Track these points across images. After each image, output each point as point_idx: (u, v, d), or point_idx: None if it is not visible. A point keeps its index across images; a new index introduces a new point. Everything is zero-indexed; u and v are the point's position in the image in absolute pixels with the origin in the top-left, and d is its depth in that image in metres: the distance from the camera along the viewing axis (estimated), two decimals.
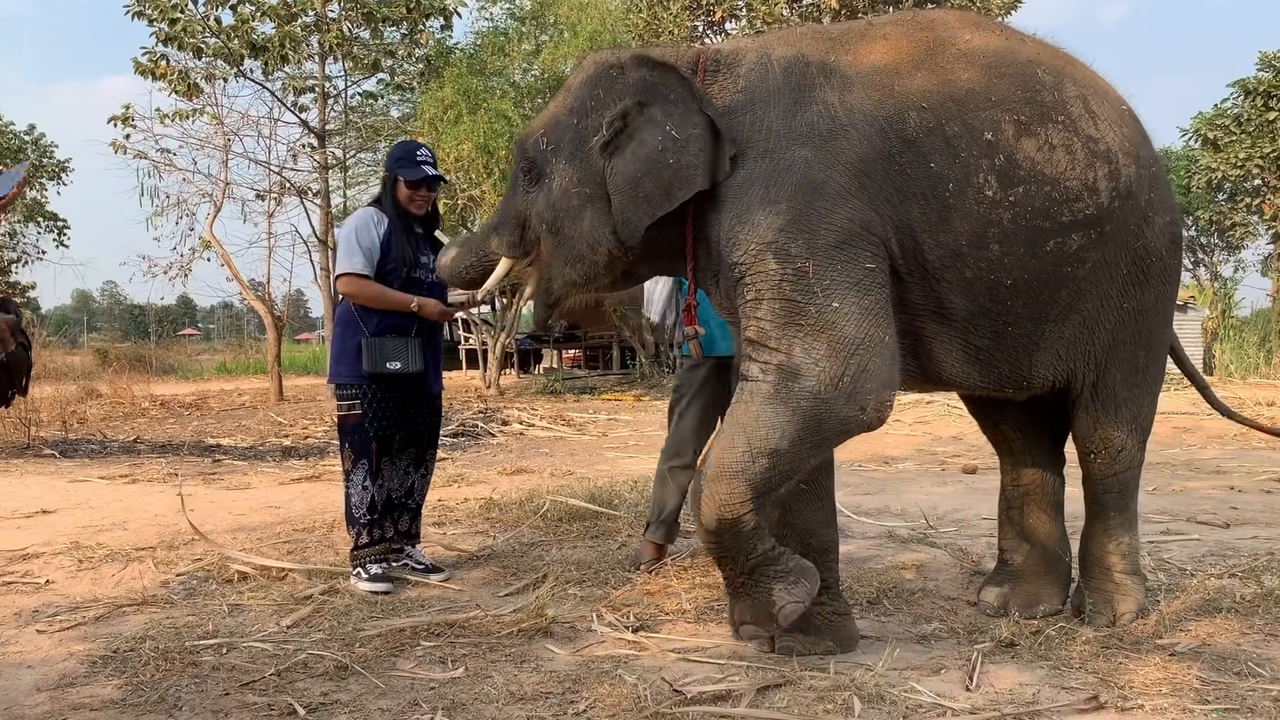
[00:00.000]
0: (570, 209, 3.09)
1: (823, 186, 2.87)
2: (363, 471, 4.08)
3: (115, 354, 23.79)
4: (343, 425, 4.16)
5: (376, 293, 4.06)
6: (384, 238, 4.10)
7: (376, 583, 4.00)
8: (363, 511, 4.09)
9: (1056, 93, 3.06)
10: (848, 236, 2.86)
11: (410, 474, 4.25)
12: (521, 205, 3.22)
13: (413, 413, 4.19)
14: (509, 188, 3.33)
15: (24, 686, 2.93)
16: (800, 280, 2.83)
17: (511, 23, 18.66)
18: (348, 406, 4.11)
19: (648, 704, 2.69)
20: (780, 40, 3.15)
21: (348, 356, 4.10)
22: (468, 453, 9.26)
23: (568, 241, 3.12)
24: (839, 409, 2.83)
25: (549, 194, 3.12)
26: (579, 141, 3.08)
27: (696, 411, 4.27)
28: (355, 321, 4.10)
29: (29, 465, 8.16)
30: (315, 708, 2.73)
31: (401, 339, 4.07)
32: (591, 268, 3.14)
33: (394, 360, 4.05)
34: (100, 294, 72.95)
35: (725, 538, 2.88)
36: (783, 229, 2.85)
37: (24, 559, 4.51)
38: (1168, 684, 2.82)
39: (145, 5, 15.83)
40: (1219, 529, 5.11)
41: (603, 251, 3.09)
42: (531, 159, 3.16)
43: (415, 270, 4.15)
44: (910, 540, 4.82)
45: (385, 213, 4.16)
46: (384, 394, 4.09)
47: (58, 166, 32.32)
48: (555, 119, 3.15)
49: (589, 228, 3.08)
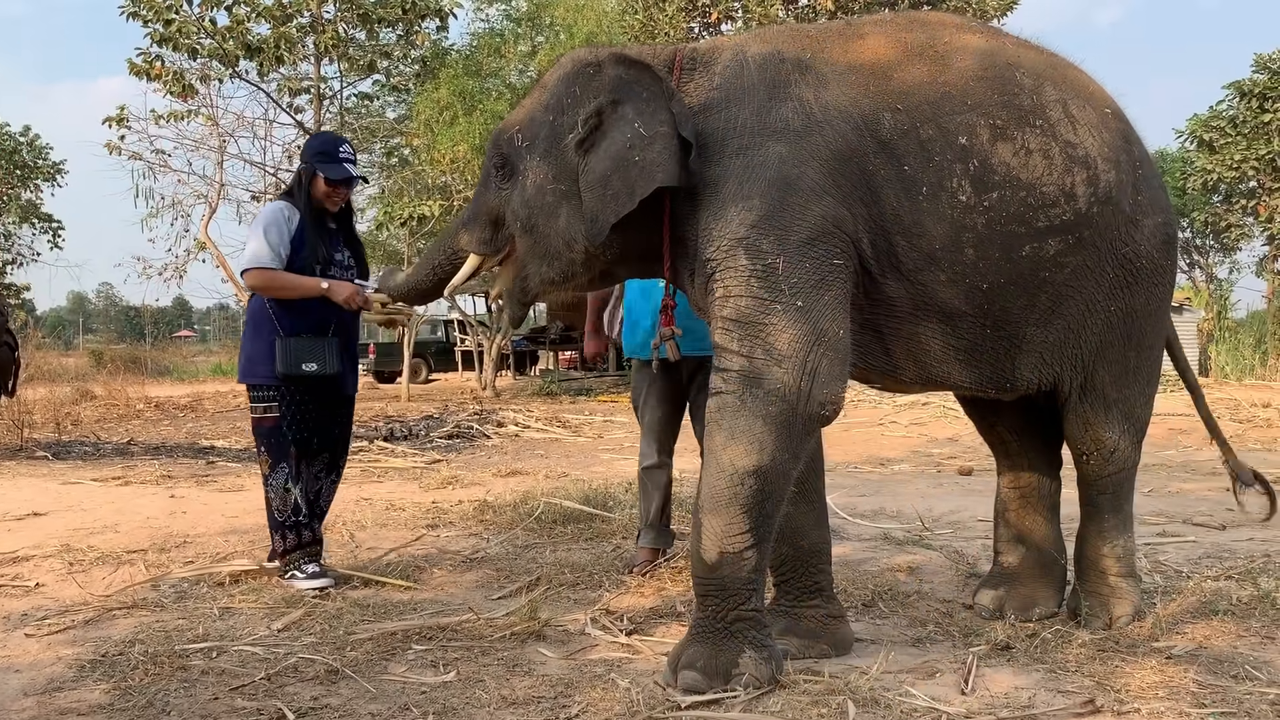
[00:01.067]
0: (545, 206, 3.05)
1: (796, 182, 2.84)
2: (283, 474, 3.98)
3: (110, 356, 23.75)
4: (258, 428, 4.03)
5: (284, 282, 3.93)
6: (295, 233, 3.98)
7: (317, 579, 3.92)
8: (287, 514, 3.99)
9: (1035, 96, 3.03)
10: (819, 234, 2.83)
11: (320, 479, 4.14)
12: (494, 201, 3.18)
13: (329, 415, 4.09)
14: (480, 184, 3.28)
15: (11, 691, 2.90)
16: (769, 277, 2.80)
17: (507, 24, 18.70)
18: (263, 409, 3.99)
19: (640, 708, 2.67)
20: (757, 38, 3.13)
21: (261, 356, 3.96)
22: (462, 454, 9.24)
23: (543, 239, 3.08)
24: (803, 407, 2.81)
25: (523, 191, 3.08)
26: (554, 139, 3.04)
27: (652, 410, 4.31)
28: (269, 319, 3.97)
29: (21, 467, 8.11)
30: (305, 712, 2.71)
31: (318, 339, 3.95)
32: (568, 265, 3.09)
33: (310, 361, 3.92)
34: (95, 295, 72.87)
35: (724, 572, 2.81)
36: (755, 224, 2.83)
37: (14, 561, 4.47)
38: (1164, 687, 2.81)
39: (140, 6, 15.81)
40: (1215, 531, 5.10)
41: (579, 249, 3.04)
42: (505, 155, 3.13)
43: (330, 268, 4.04)
44: (905, 542, 4.80)
45: (298, 207, 4.04)
46: (301, 396, 3.98)
47: (53, 168, 32.23)
48: (531, 116, 3.11)
49: (564, 225, 3.04)
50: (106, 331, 53.46)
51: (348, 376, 4.12)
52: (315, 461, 4.09)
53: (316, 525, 4.10)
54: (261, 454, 4.02)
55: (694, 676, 2.77)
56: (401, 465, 8.22)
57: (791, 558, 3.20)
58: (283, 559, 4.01)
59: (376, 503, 5.99)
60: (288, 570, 3.99)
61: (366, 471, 7.72)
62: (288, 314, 3.96)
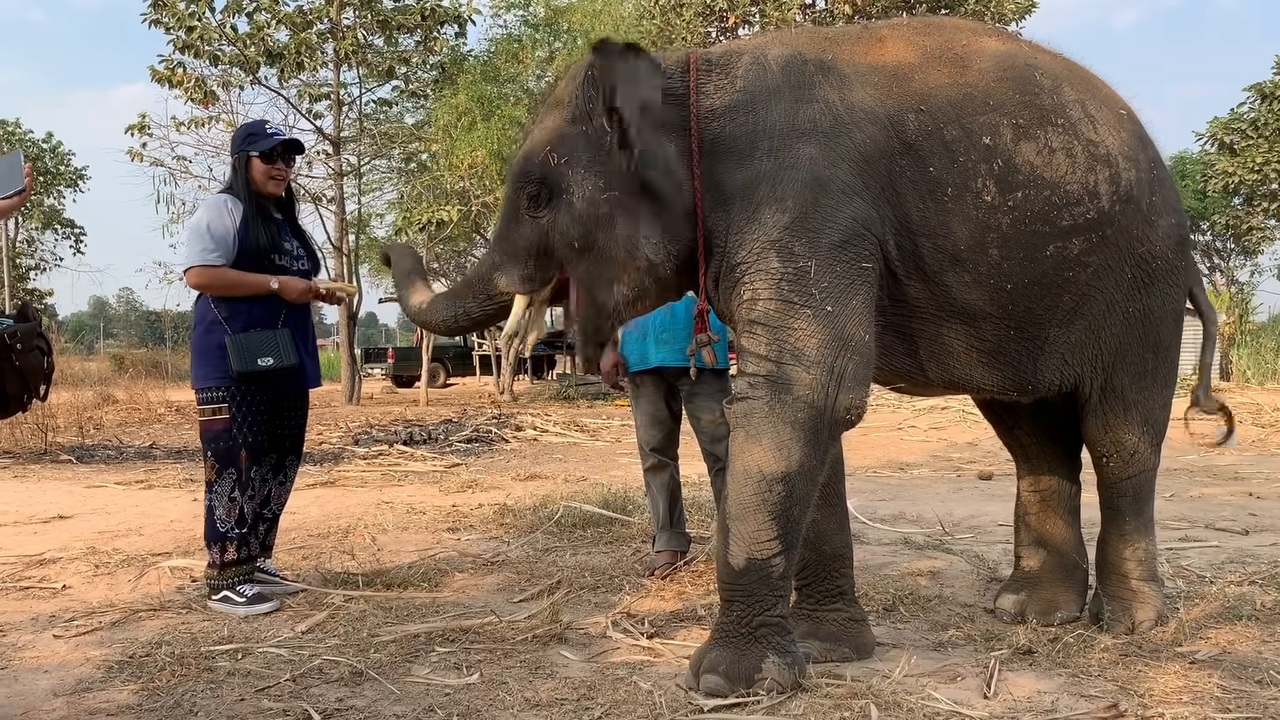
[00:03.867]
0: (601, 218, 2.90)
1: (828, 184, 2.84)
2: (230, 481, 3.77)
3: (131, 360, 23.89)
4: (206, 432, 3.83)
5: (231, 279, 3.76)
6: (239, 225, 3.79)
7: (259, 604, 3.72)
8: (230, 525, 3.78)
9: (1055, 96, 3.04)
10: (850, 236, 2.83)
11: (268, 481, 3.96)
12: (532, 234, 2.99)
13: (279, 415, 3.92)
14: (506, 222, 3.09)
15: (41, 691, 2.94)
16: (799, 280, 2.80)
17: (525, 30, 18.74)
18: (212, 411, 3.79)
19: (663, 711, 2.68)
20: (775, 40, 3.12)
21: (210, 357, 3.78)
22: (481, 458, 9.27)
23: (605, 253, 2.92)
24: (829, 413, 2.81)
25: (571, 209, 2.92)
26: (592, 147, 2.92)
27: (643, 411, 4.39)
28: (215, 319, 3.80)
29: (46, 470, 8.20)
30: (331, 713, 2.73)
31: (269, 332, 3.77)
32: (636, 277, 2.94)
33: (265, 356, 3.72)
34: (116, 300, 73.57)
35: (751, 579, 2.81)
36: (788, 227, 2.82)
37: (41, 564, 4.53)
38: (1188, 692, 2.80)
39: (163, 13, 15.97)
40: (1238, 535, 5.07)
41: (642, 256, 2.93)
42: (540, 179, 2.95)
43: (280, 257, 3.86)
44: (926, 547, 4.80)
45: (238, 198, 3.84)
46: (254, 395, 3.80)
47: (75, 174, 32.53)
48: (560, 133, 2.96)
49: (625, 232, 2.90)
50: (127, 336, 53.96)
51: (308, 368, 3.93)
52: (263, 464, 3.91)
53: (254, 541, 3.90)
54: (208, 459, 3.83)
55: (716, 680, 2.77)
56: (421, 469, 8.26)
57: (814, 562, 3.21)
58: (218, 574, 3.80)
59: (397, 506, 6.02)
60: (220, 590, 3.78)
61: (387, 475, 7.76)
62: (235, 313, 3.78)
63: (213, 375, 3.79)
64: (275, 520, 4.10)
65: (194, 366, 3.87)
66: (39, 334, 2.76)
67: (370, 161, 19.86)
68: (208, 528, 3.83)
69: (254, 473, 3.84)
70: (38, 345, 2.74)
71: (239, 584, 3.79)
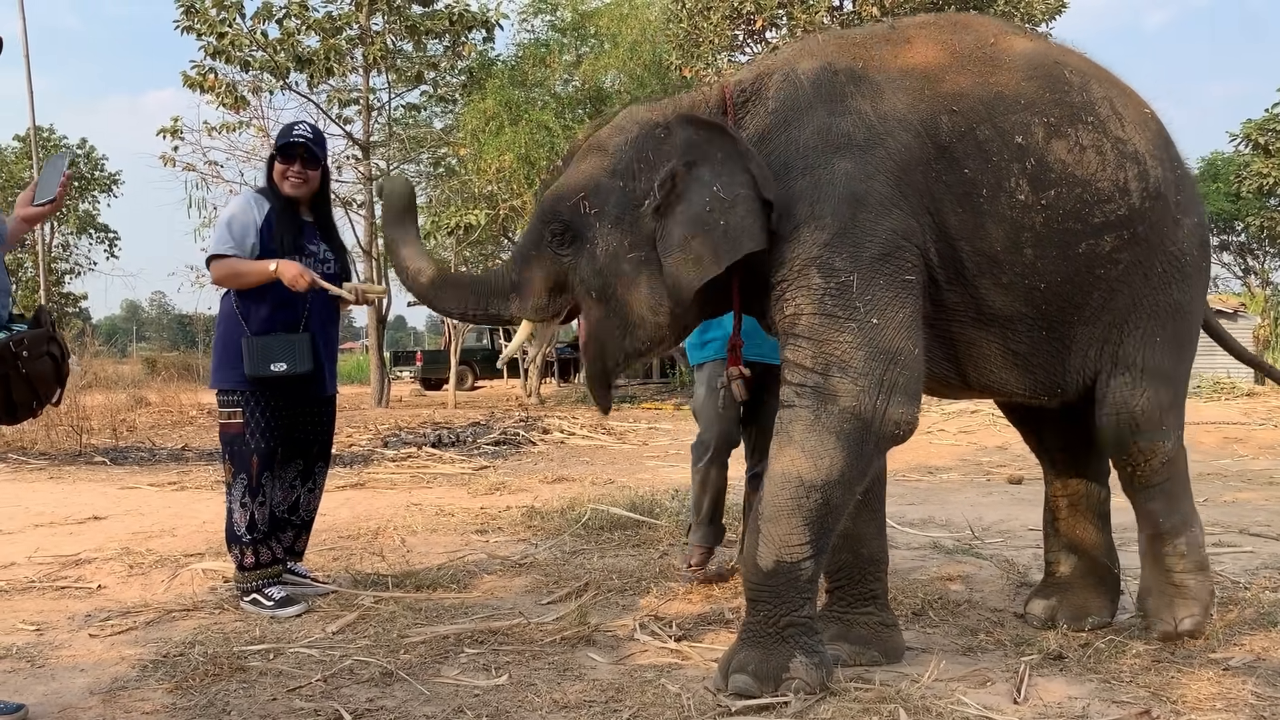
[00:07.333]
0: (623, 274, 2.92)
1: (865, 197, 2.83)
2: (241, 486, 3.77)
3: (163, 363, 24.16)
4: (223, 434, 3.85)
5: (239, 268, 3.74)
6: (263, 221, 3.79)
7: (285, 606, 3.73)
8: (243, 530, 3.78)
9: (1084, 94, 3.04)
10: (892, 249, 2.83)
11: (296, 488, 3.96)
12: (553, 268, 3.01)
13: (301, 421, 3.90)
14: (527, 245, 3.09)
15: (77, 689, 2.98)
16: (843, 295, 2.79)
17: (553, 34, 18.82)
18: (228, 414, 3.79)
19: (691, 714, 2.68)
20: (803, 53, 3.10)
21: (229, 359, 3.77)
22: (509, 461, 9.31)
23: (622, 308, 2.95)
24: (877, 426, 2.81)
25: (594, 260, 2.94)
26: (626, 205, 2.92)
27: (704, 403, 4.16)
28: (234, 315, 3.79)
29: (80, 472, 8.31)
30: (361, 714, 2.75)
31: (288, 336, 3.74)
32: (654, 331, 2.97)
33: (279, 361, 3.69)
34: (149, 304, 74.32)
35: (779, 581, 2.81)
36: (828, 243, 2.82)
37: (76, 564, 4.59)
38: (1221, 699, 2.77)
39: (194, 20, 16.15)
40: (1272, 541, 5.01)
41: (664, 313, 2.94)
42: (567, 221, 2.96)
43: (302, 258, 3.80)
44: (955, 551, 4.77)
45: (266, 196, 3.87)
46: (269, 401, 3.78)
47: (109, 179, 32.92)
48: (596, 182, 2.95)
49: (647, 293, 2.92)
50: (159, 339, 54.54)
51: (325, 376, 3.89)
52: (287, 469, 3.91)
53: (277, 545, 3.90)
54: (225, 462, 3.84)
55: (745, 680, 2.77)
56: (450, 471, 8.31)
57: (850, 564, 3.20)
58: (241, 577, 3.82)
59: (426, 508, 6.06)
60: (249, 592, 3.79)
61: (416, 477, 7.81)
62: (257, 311, 3.77)
63: (230, 378, 3.80)
64: (306, 526, 4.09)
65: (213, 367, 3.88)
66: (51, 339, 2.72)
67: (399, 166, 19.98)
68: (227, 530, 3.87)
69: (265, 478, 3.82)
70: (49, 351, 2.69)
71: (266, 586, 3.81)
